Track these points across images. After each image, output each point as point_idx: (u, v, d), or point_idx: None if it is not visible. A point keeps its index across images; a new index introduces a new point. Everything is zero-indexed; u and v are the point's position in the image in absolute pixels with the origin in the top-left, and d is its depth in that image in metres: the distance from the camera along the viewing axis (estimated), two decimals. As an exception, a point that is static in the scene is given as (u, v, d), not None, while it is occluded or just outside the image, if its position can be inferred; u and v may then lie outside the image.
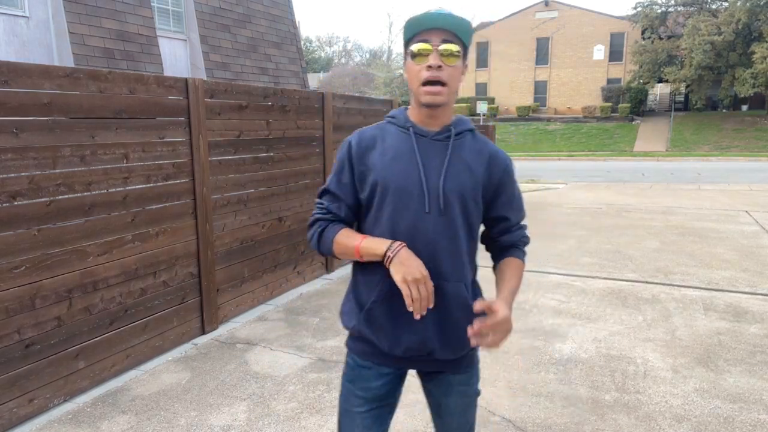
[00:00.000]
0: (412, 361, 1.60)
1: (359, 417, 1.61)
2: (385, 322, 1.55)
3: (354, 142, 1.60)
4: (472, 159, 1.57)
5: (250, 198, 4.59)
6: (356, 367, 1.63)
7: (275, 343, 4.02)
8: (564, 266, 5.97)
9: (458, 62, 1.49)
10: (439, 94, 1.48)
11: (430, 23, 1.46)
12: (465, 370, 1.65)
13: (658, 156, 23.90)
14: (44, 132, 2.99)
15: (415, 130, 1.56)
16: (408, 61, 1.52)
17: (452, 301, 1.53)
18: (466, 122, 1.64)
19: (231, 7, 11.15)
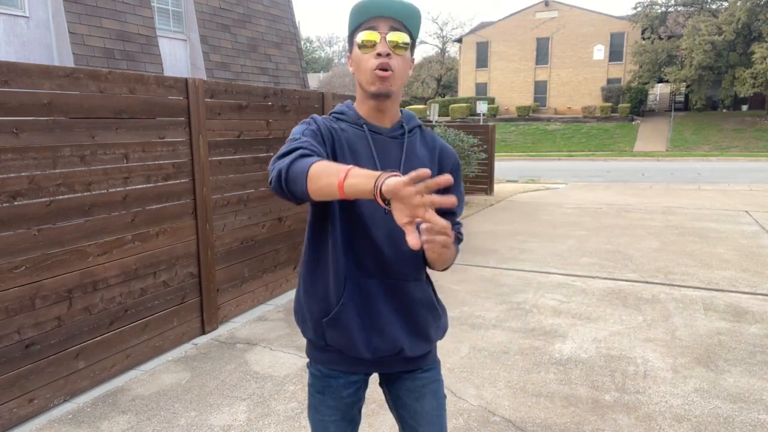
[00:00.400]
0: (381, 364, 1.57)
1: (333, 425, 1.59)
2: (354, 326, 1.49)
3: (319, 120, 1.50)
4: (425, 155, 1.55)
5: (250, 198, 4.59)
6: (324, 378, 1.58)
7: (275, 343, 4.02)
8: (564, 266, 5.97)
9: (406, 53, 1.44)
10: (388, 79, 1.41)
11: (377, 11, 1.41)
12: (432, 366, 1.63)
13: (658, 156, 23.90)
14: (44, 132, 2.99)
15: (369, 127, 1.50)
16: (354, 51, 1.45)
17: (416, 299, 1.53)
18: (414, 117, 1.61)
19: (231, 7, 11.15)
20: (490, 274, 5.70)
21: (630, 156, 24.42)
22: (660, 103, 38.20)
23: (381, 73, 1.40)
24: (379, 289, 1.49)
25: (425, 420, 1.60)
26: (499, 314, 4.53)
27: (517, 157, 25.26)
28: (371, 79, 1.42)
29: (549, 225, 8.34)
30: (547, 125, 32.46)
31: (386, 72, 1.40)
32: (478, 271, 5.77)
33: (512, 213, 9.54)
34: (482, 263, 6.09)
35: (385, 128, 1.52)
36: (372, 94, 1.44)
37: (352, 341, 1.49)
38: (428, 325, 1.56)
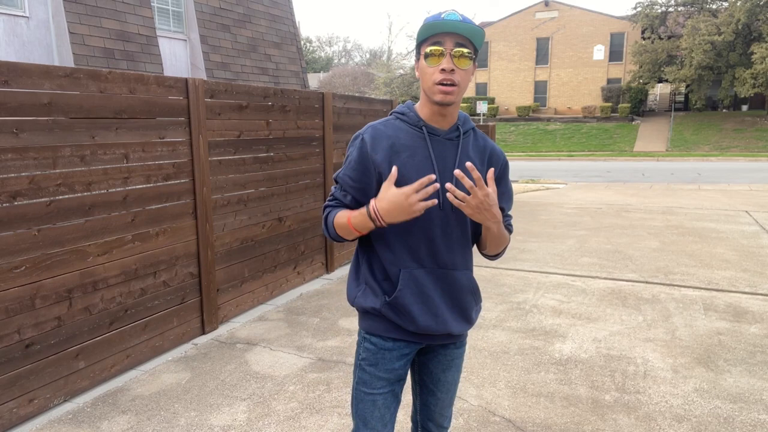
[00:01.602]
0: (430, 338, 1.75)
1: (381, 398, 1.73)
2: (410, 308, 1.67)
3: (368, 135, 1.67)
4: (476, 155, 1.71)
5: (250, 198, 4.59)
6: (379, 350, 1.73)
7: (275, 343, 4.02)
8: (564, 266, 5.97)
9: (469, 65, 1.59)
10: (451, 94, 1.58)
11: (445, 28, 1.54)
12: (464, 342, 1.85)
13: (658, 156, 23.90)
14: (44, 132, 2.99)
15: (428, 129, 1.66)
16: (421, 62, 1.61)
17: (463, 287, 1.72)
18: (470, 121, 1.77)
19: (231, 7, 11.15)
20: (490, 274, 5.70)
21: (630, 156, 24.42)
22: (660, 103, 38.20)
23: (444, 88, 1.57)
24: (430, 278, 1.67)
25: (445, 387, 1.83)
26: (499, 314, 4.53)
27: (517, 157, 25.26)
28: (435, 90, 1.58)
29: (549, 225, 8.34)
30: (547, 125, 32.46)
31: (449, 87, 1.57)
32: (478, 271, 5.77)
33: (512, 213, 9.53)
34: (482, 263, 6.09)
35: (442, 130, 1.67)
36: (435, 102, 1.61)
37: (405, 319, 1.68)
38: (470, 308, 1.76)
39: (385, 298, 1.68)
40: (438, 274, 1.68)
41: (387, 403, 1.74)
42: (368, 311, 1.72)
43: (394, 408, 1.77)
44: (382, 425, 1.74)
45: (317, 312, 4.64)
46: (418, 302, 1.67)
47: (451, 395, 1.86)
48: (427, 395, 1.85)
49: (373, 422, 1.74)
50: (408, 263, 1.66)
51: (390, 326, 1.71)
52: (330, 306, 4.78)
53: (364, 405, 1.74)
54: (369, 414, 1.74)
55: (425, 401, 1.85)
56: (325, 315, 4.57)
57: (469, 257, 1.76)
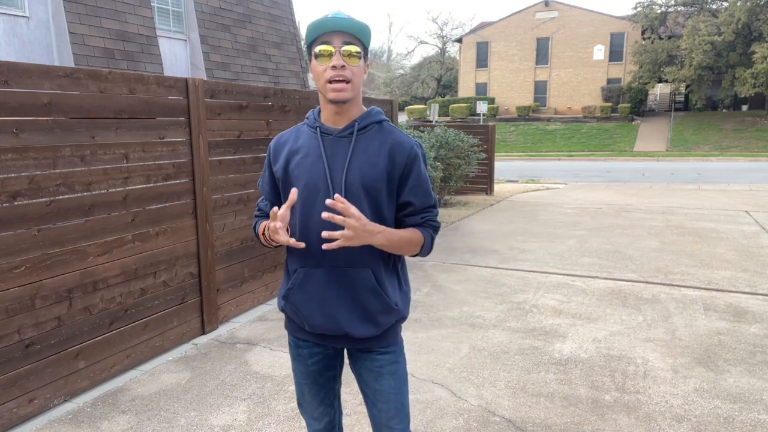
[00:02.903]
0: (332, 339, 1.76)
1: (307, 388, 1.85)
2: (300, 306, 1.72)
3: (272, 144, 1.80)
4: (375, 151, 1.67)
5: (250, 198, 4.59)
6: (293, 347, 1.84)
7: (275, 343, 4.02)
8: (564, 266, 5.97)
9: (359, 62, 1.61)
10: (343, 90, 1.60)
11: (330, 26, 1.58)
12: (390, 349, 1.77)
13: (658, 156, 23.91)
14: (44, 132, 2.99)
15: (322, 129, 1.70)
16: (312, 62, 1.63)
17: (359, 285, 1.67)
18: (375, 115, 1.72)
19: (231, 7, 11.15)
20: (490, 274, 5.70)
21: (630, 156, 24.42)
22: (660, 103, 38.20)
23: (335, 86, 1.59)
24: (326, 277, 1.67)
25: (383, 398, 1.77)
26: (499, 314, 4.53)
27: (517, 157, 25.26)
28: (327, 89, 1.60)
29: (549, 225, 8.34)
30: (547, 125, 32.46)
31: (341, 84, 1.59)
32: (478, 271, 5.77)
33: (512, 213, 9.54)
34: (482, 263, 6.09)
35: (336, 129, 1.69)
36: (330, 100, 1.63)
37: (300, 318, 1.74)
38: (375, 311, 1.69)
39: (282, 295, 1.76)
40: (336, 272, 1.66)
41: (313, 393, 1.84)
42: (282, 309, 1.81)
43: (322, 396, 1.85)
44: (312, 410, 1.87)
45: (317, 312, 4.63)
46: (312, 301, 1.69)
47: (394, 406, 1.76)
48: (370, 407, 1.81)
49: (305, 405, 1.89)
50: (306, 261, 1.68)
51: (294, 326, 1.80)
52: (330, 306, 4.78)
53: (297, 391, 1.89)
54: (301, 398, 1.89)
55: (370, 412, 1.82)
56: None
57: (371, 256, 1.66)
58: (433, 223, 1.75)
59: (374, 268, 1.68)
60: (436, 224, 1.76)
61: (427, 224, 1.73)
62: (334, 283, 1.67)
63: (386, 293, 1.70)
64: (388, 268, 1.73)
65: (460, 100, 35.87)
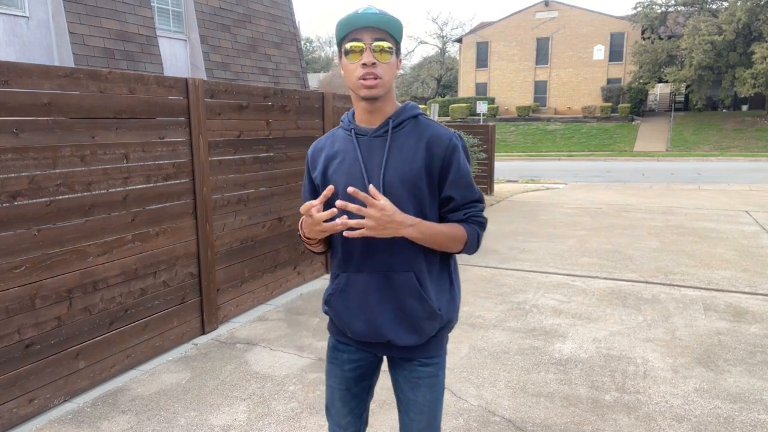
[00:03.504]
0: (374, 346, 1.72)
1: (338, 393, 1.79)
2: (341, 312, 1.70)
3: (309, 152, 1.77)
4: (412, 146, 1.61)
5: (250, 198, 4.59)
6: (333, 349, 1.80)
7: (275, 343, 4.02)
8: (564, 266, 5.97)
9: (391, 58, 1.56)
10: (374, 87, 1.55)
11: (361, 22, 1.52)
12: (433, 362, 1.70)
13: (658, 156, 23.90)
14: (44, 132, 2.99)
15: (356, 131, 1.66)
16: (343, 60, 1.58)
17: (401, 290, 1.61)
18: (410, 109, 1.67)
19: (231, 7, 11.15)
20: (490, 274, 5.70)
21: (630, 156, 24.42)
22: (660, 103, 38.20)
23: (366, 83, 1.54)
24: (368, 282, 1.63)
25: (417, 409, 1.72)
26: (499, 314, 4.52)
27: (517, 157, 25.26)
28: (358, 86, 1.56)
29: (549, 225, 8.34)
30: (547, 125, 32.45)
31: (372, 81, 1.54)
32: (478, 271, 5.77)
33: (512, 213, 9.54)
34: (482, 263, 6.09)
35: (370, 129, 1.65)
36: (362, 98, 1.59)
37: (342, 324, 1.72)
38: (418, 317, 1.62)
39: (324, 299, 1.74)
40: (378, 277, 1.61)
41: (344, 400, 1.78)
42: (325, 312, 1.79)
43: (354, 404, 1.79)
44: (340, 417, 1.80)
45: (317, 312, 4.64)
46: (353, 307, 1.65)
47: (427, 418, 1.72)
48: (402, 414, 1.77)
49: (333, 411, 1.82)
50: (348, 267, 1.65)
51: (336, 328, 1.78)
52: (330, 306, 4.77)
53: (327, 395, 1.83)
54: (330, 404, 1.82)
55: (401, 420, 1.78)
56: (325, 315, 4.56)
57: (414, 258, 1.60)
58: (478, 218, 1.66)
59: (417, 271, 1.61)
60: (481, 219, 1.67)
61: (471, 220, 1.64)
62: (375, 289, 1.62)
63: (430, 297, 1.62)
64: (433, 269, 1.65)
65: (460, 100, 35.87)
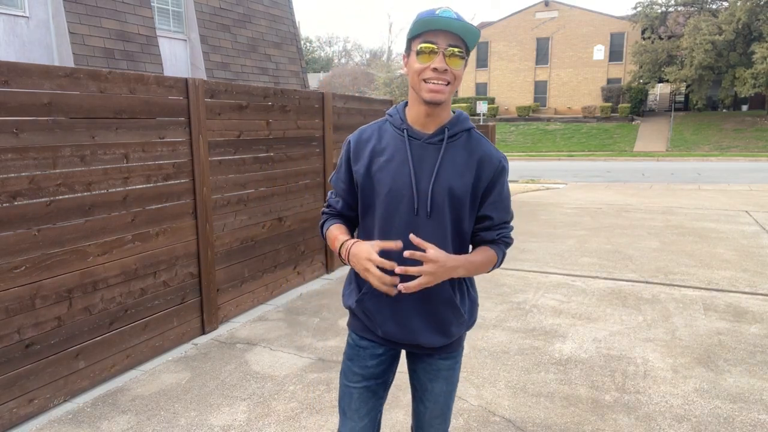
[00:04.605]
0: (400, 345, 1.74)
1: (356, 392, 1.76)
2: (375, 313, 1.69)
3: (353, 140, 1.70)
4: (463, 161, 1.61)
5: (250, 198, 4.59)
6: (355, 346, 1.78)
7: (275, 343, 4.02)
8: (564, 266, 5.97)
9: (461, 66, 1.54)
10: (441, 92, 1.52)
11: (439, 25, 1.49)
12: (452, 356, 1.76)
13: (658, 156, 23.90)
14: (44, 132, 2.99)
15: (410, 133, 1.61)
16: (411, 57, 1.55)
17: (435, 297, 1.64)
18: (464, 121, 1.66)
19: (231, 7, 11.15)
20: (490, 274, 5.70)
21: (630, 156, 24.42)
22: (660, 103, 38.19)
23: (433, 86, 1.51)
24: None
25: (432, 398, 1.77)
26: (499, 314, 4.53)
27: (517, 157, 25.26)
28: (423, 88, 1.53)
29: (549, 225, 8.34)
30: (547, 125, 32.45)
31: (439, 86, 1.51)
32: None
33: (512, 213, 9.53)
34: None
35: (424, 134, 1.61)
36: (425, 101, 1.55)
37: (372, 323, 1.72)
38: (449, 322, 1.67)
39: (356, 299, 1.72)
40: None
41: (363, 398, 1.76)
42: (349, 308, 1.78)
43: (372, 404, 1.78)
44: (358, 417, 1.78)
45: (317, 312, 4.64)
46: (384, 308, 1.67)
47: (441, 407, 1.80)
48: (417, 403, 1.83)
49: (350, 413, 1.78)
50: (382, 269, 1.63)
51: (363, 326, 1.77)
52: (330, 306, 4.78)
53: (343, 395, 1.80)
54: (347, 405, 1.79)
55: (416, 409, 1.84)
56: (325, 315, 4.57)
57: None
58: (507, 239, 1.73)
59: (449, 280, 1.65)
60: (509, 240, 1.74)
61: (501, 240, 1.71)
62: (409, 294, 1.61)
63: (460, 305, 1.69)
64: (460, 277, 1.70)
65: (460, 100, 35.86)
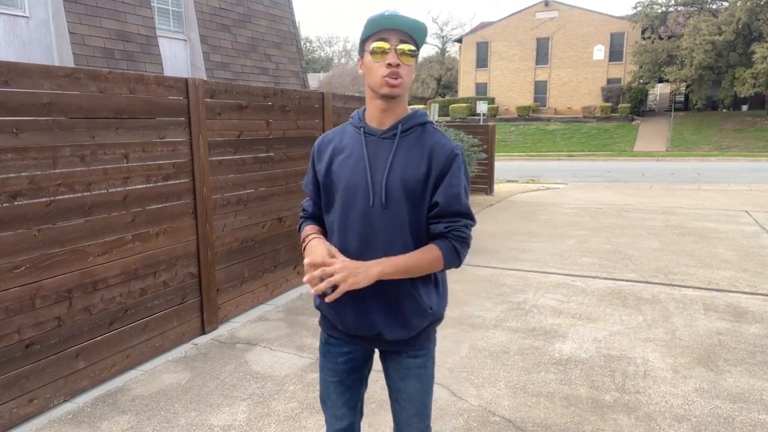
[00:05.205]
0: (366, 340, 1.78)
1: (332, 385, 1.86)
2: (336, 307, 1.75)
3: (317, 144, 1.82)
4: (417, 153, 1.67)
5: (250, 198, 4.59)
6: (325, 344, 1.86)
7: (275, 343, 4.02)
8: (564, 266, 5.97)
9: (413, 61, 1.64)
10: (397, 86, 1.61)
11: (389, 24, 1.59)
12: (421, 354, 1.79)
13: (658, 156, 23.90)
14: (44, 132, 2.99)
15: (366, 130, 1.71)
16: (366, 57, 1.64)
17: (394, 288, 1.68)
18: (419, 117, 1.73)
19: (231, 7, 11.15)
20: (490, 274, 5.70)
21: (630, 156, 24.41)
22: (660, 103, 38.19)
23: (391, 81, 1.60)
24: None
25: (406, 397, 1.81)
26: (499, 314, 4.52)
27: (517, 157, 25.26)
28: (381, 84, 1.62)
29: (549, 225, 8.34)
30: (547, 125, 32.45)
31: (396, 80, 1.60)
32: (478, 271, 5.77)
33: (512, 213, 9.54)
34: (482, 263, 6.09)
35: (379, 130, 1.70)
36: (382, 95, 1.64)
37: (334, 317, 1.78)
38: (409, 314, 1.71)
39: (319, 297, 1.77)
40: None
41: (339, 391, 1.85)
42: (317, 307, 1.84)
43: (349, 395, 1.86)
44: (336, 409, 1.87)
45: (317, 312, 4.64)
46: (347, 302, 1.70)
47: (417, 406, 1.81)
48: (393, 403, 1.86)
49: (329, 403, 1.89)
50: None
51: (330, 324, 1.83)
52: (330, 306, 4.77)
53: (322, 387, 1.91)
54: (326, 396, 1.89)
55: (393, 409, 1.87)
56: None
57: None
58: (460, 233, 1.65)
59: None
60: (463, 236, 1.65)
61: (452, 234, 1.64)
62: (369, 287, 1.63)
63: (421, 296, 1.70)
64: None
65: (460, 100, 35.86)
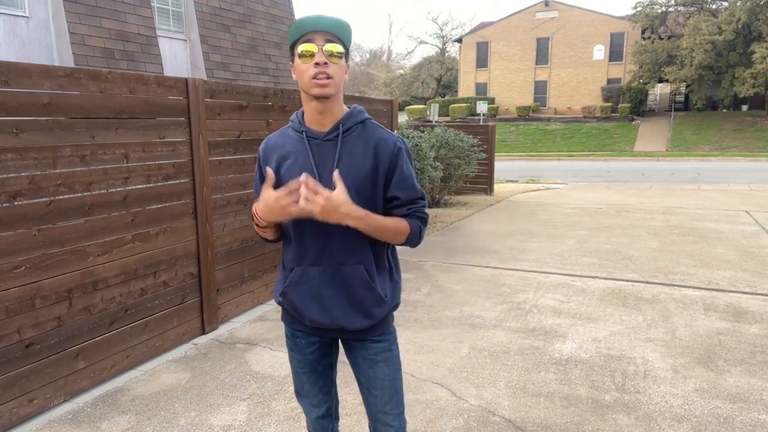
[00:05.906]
0: (328, 331, 1.83)
1: (305, 375, 1.93)
2: (298, 303, 1.79)
3: (262, 149, 1.84)
4: (361, 151, 1.72)
5: (250, 198, 4.59)
6: (291, 338, 1.91)
7: (275, 343, 4.02)
8: (564, 266, 5.97)
9: (341, 60, 1.66)
10: (327, 86, 1.63)
11: (313, 26, 1.63)
12: (384, 337, 1.84)
13: (658, 156, 23.90)
14: (44, 132, 2.99)
15: (308, 134, 1.74)
16: (296, 61, 1.67)
17: (352, 281, 1.74)
18: (358, 114, 1.76)
19: (231, 7, 11.15)
20: (490, 274, 5.70)
21: (630, 156, 24.42)
22: (660, 103, 38.19)
23: (319, 81, 1.62)
24: (321, 275, 1.75)
25: (377, 384, 1.84)
26: (499, 314, 4.53)
27: (517, 157, 25.26)
28: (311, 85, 1.64)
29: (549, 225, 8.34)
30: (547, 125, 32.45)
31: (324, 80, 1.62)
32: (478, 271, 5.77)
33: (512, 213, 9.54)
34: (482, 263, 6.09)
35: (321, 132, 1.73)
36: (314, 96, 1.66)
37: (298, 314, 1.83)
38: (369, 305, 1.77)
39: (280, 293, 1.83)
40: (331, 270, 1.74)
41: (312, 381, 1.92)
42: (279, 303, 1.88)
43: (322, 382, 1.93)
44: (311, 397, 1.95)
45: (317, 312, 4.63)
46: (308, 299, 1.77)
47: (389, 392, 1.85)
48: (365, 393, 1.89)
49: (303, 393, 1.96)
50: (302, 261, 1.77)
51: (292, 318, 1.88)
52: (330, 306, 4.77)
53: (295, 378, 1.96)
54: (300, 388, 1.96)
55: (366, 400, 1.90)
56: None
57: (363, 252, 1.74)
58: (420, 213, 1.78)
59: (366, 264, 1.75)
60: (423, 215, 1.79)
61: (414, 215, 1.76)
62: (328, 281, 1.74)
63: (377, 287, 1.77)
64: (380, 261, 1.79)
65: (460, 100, 35.87)
